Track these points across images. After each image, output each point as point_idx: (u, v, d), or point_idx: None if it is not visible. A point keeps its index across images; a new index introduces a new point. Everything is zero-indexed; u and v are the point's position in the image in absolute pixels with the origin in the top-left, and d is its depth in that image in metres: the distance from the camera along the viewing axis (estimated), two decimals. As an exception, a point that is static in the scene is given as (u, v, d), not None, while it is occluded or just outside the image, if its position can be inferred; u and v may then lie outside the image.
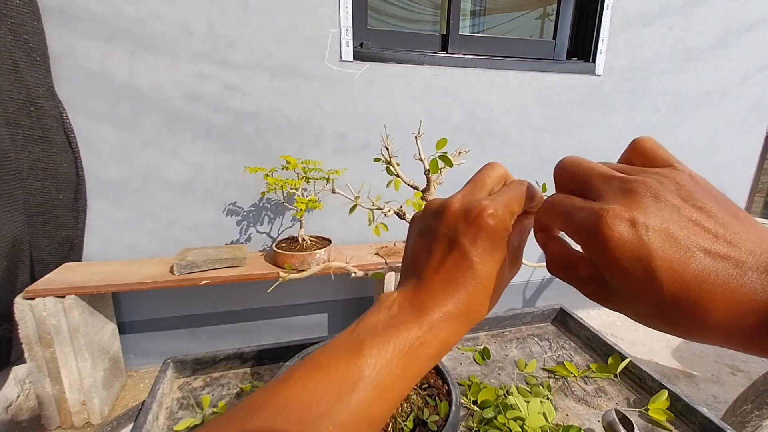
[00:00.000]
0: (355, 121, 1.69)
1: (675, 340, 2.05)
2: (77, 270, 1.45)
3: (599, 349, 0.78)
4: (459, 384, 0.69)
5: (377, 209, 0.60)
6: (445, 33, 1.80)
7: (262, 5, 1.48)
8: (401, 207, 0.60)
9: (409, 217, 0.58)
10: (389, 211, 0.59)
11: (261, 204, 1.70)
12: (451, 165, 0.50)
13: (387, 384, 0.26)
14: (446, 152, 0.50)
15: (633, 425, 0.56)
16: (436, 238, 0.30)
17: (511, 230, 0.29)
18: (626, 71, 1.95)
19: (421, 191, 0.55)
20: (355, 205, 0.65)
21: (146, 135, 1.51)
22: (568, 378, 0.72)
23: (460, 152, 0.57)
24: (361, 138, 1.72)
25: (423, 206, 0.34)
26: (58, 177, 1.42)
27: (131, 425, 0.56)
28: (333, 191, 0.76)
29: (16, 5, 1.24)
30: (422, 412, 0.54)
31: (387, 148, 0.58)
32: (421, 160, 0.55)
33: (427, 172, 0.53)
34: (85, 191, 1.49)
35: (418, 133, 0.57)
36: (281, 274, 0.55)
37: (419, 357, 0.27)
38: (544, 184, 0.49)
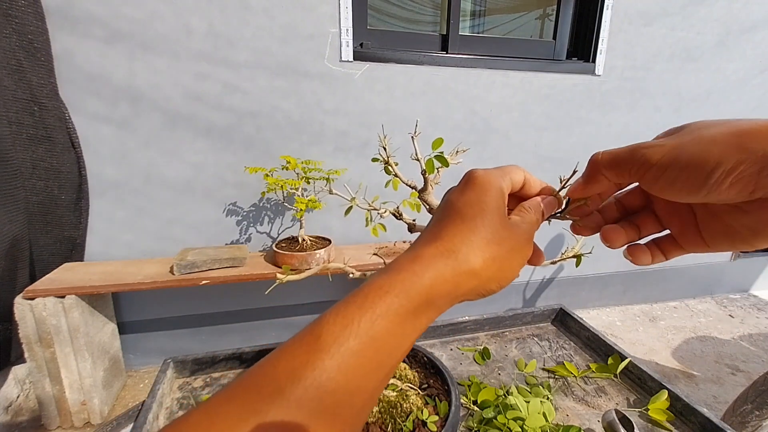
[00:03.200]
0: (356, 118, 1.69)
1: (675, 340, 2.05)
2: (77, 270, 1.45)
3: (599, 349, 0.78)
4: (459, 384, 0.69)
5: (373, 210, 0.60)
6: (445, 33, 1.80)
7: (263, 4, 1.48)
8: (398, 208, 0.60)
9: (406, 217, 0.58)
10: (385, 212, 0.58)
11: (261, 204, 1.70)
12: (447, 165, 0.49)
13: (353, 350, 0.24)
14: (442, 152, 0.49)
15: (633, 425, 0.56)
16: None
17: (508, 198, 0.31)
18: (626, 71, 1.95)
19: (419, 191, 0.55)
20: (351, 207, 0.64)
21: (146, 135, 1.51)
22: (568, 378, 0.72)
23: (457, 151, 0.56)
24: (363, 136, 1.72)
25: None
26: (61, 177, 1.42)
27: (131, 425, 0.56)
28: (330, 192, 0.76)
29: (21, 5, 1.24)
30: (422, 412, 0.54)
31: (384, 148, 0.58)
32: (417, 160, 0.55)
33: (423, 172, 0.53)
34: (87, 191, 1.49)
35: (415, 133, 0.57)
36: (278, 275, 0.55)
37: (388, 310, 0.25)
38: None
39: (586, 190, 0.31)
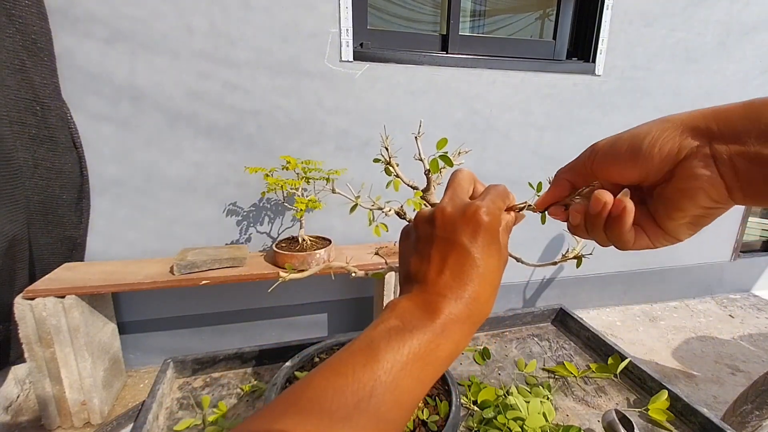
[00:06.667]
0: (356, 117, 1.69)
1: (675, 340, 2.05)
2: (77, 270, 1.45)
3: (599, 349, 0.78)
4: (459, 384, 0.69)
5: (377, 209, 0.60)
6: (445, 33, 1.80)
7: (263, 3, 1.48)
8: (402, 207, 0.60)
9: (409, 216, 0.58)
10: (390, 210, 0.59)
11: (261, 204, 1.70)
12: (451, 165, 0.50)
13: (404, 387, 0.27)
14: (446, 152, 0.50)
15: (633, 425, 0.56)
16: (434, 242, 0.31)
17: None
18: (627, 71, 1.95)
19: (422, 191, 0.55)
20: (356, 205, 0.64)
21: (147, 134, 1.51)
22: (568, 378, 0.72)
23: (460, 152, 0.57)
24: (363, 135, 1.72)
25: (415, 217, 0.36)
26: (63, 176, 1.42)
27: (131, 425, 0.56)
28: (333, 191, 0.76)
29: (24, 5, 1.24)
30: (422, 412, 0.54)
31: (386, 149, 0.58)
32: (421, 160, 0.55)
33: (427, 172, 0.53)
34: (88, 191, 1.49)
35: (418, 133, 0.57)
36: (281, 274, 0.55)
37: (434, 360, 0.28)
38: (539, 183, 0.50)
39: (549, 197, 0.34)
